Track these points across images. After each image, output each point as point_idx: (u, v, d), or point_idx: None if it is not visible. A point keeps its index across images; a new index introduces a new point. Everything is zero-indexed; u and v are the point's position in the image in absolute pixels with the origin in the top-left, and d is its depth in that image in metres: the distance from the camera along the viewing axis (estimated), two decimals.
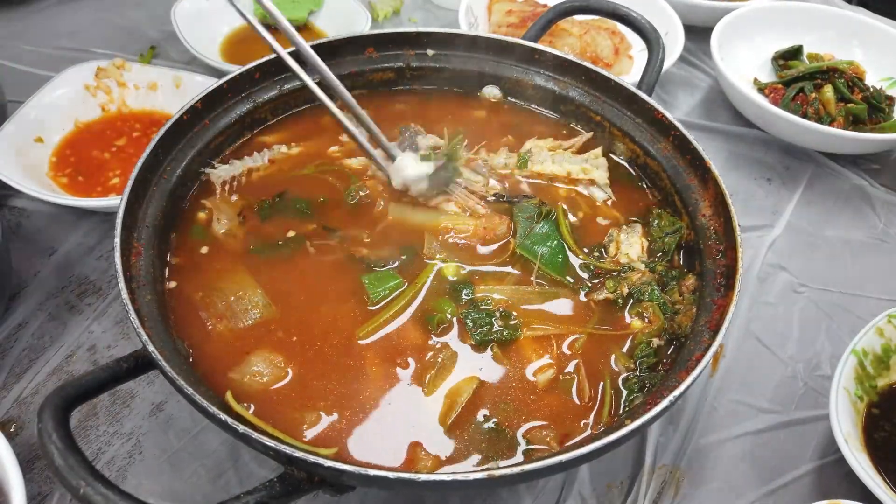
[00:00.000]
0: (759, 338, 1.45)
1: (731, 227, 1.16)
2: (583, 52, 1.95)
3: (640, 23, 1.50)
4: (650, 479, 1.21)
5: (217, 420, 0.90)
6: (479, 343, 1.11)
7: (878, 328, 1.30)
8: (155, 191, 1.19)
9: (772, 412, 1.33)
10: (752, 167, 1.84)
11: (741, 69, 2.00)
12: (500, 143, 1.43)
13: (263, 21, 2.04)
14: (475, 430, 1.02)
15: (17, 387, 1.26)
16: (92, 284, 1.42)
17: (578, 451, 0.90)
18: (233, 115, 1.35)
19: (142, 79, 1.69)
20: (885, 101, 1.90)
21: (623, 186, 1.38)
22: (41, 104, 1.59)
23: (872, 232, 1.70)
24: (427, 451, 1.00)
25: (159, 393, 1.26)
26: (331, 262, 1.20)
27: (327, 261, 1.20)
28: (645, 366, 1.10)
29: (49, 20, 2.07)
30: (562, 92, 1.46)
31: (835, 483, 1.15)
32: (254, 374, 1.05)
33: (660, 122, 1.34)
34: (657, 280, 1.20)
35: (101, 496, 0.80)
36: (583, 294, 1.18)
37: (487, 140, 1.42)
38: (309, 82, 1.21)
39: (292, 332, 1.11)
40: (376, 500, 1.16)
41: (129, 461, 1.18)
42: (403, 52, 1.48)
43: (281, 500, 0.88)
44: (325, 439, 1.00)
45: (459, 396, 1.05)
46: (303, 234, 1.23)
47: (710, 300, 1.12)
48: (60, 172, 1.55)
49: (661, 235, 1.26)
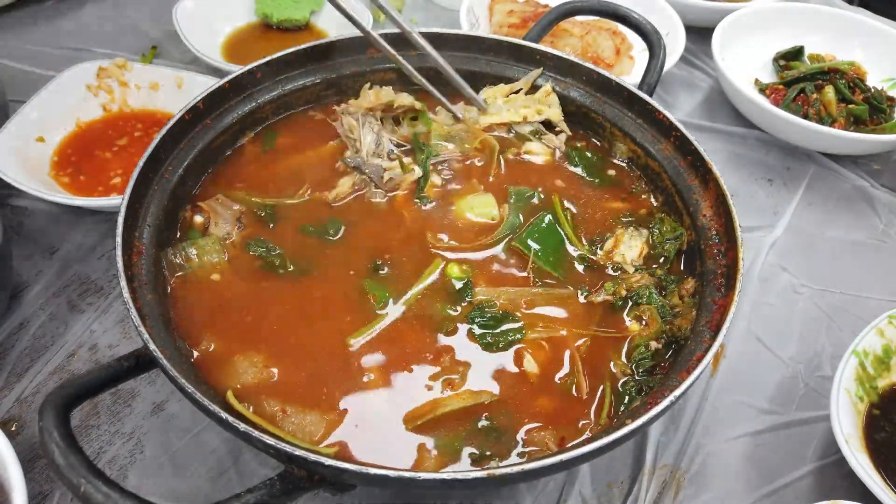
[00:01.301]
0: (760, 338, 1.45)
1: (731, 227, 1.16)
2: (584, 52, 1.95)
3: (641, 24, 1.50)
4: (651, 478, 1.21)
5: (218, 418, 0.90)
6: (485, 346, 1.11)
7: (879, 329, 1.30)
8: (156, 190, 1.19)
9: (772, 412, 1.33)
10: (752, 168, 1.84)
11: (742, 70, 2.00)
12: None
13: (264, 20, 2.06)
14: (476, 431, 1.02)
15: (19, 386, 1.27)
16: (93, 284, 1.42)
17: (579, 451, 0.90)
18: (234, 114, 1.35)
19: (143, 79, 1.69)
20: (886, 102, 1.90)
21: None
22: (43, 104, 1.59)
23: (873, 233, 1.70)
24: (430, 450, 1.00)
25: (160, 392, 1.26)
26: (334, 270, 1.20)
27: (330, 267, 1.20)
28: (642, 369, 1.10)
29: (50, 19, 2.07)
30: (563, 92, 1.46)
31: (835, 484, 1.15)
32: (253, 374, 1.05)
33: (661, 122, 1.34)
34: (656, 284, 1.20)
35: (102, 494, 0.81)
36: (582, 296, 1.18)
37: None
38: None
39: (292, 335, 1.11)
40: (377, 499, 1.16)
41: (130, 460, 1.18)
42: (406, 53, 1.48)
43: (281, 498, 0.88)
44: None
45: (464, 401, 1.05)
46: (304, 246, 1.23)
47: (710, 300, 1.12)
48: (62, 172, 1.55)
49: (662, 241, 1.26)
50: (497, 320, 1.13)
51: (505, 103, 1.44)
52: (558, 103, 1.45)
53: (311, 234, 1.24)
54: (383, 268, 1.19)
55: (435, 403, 1.04)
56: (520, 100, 1.45)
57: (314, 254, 1.21)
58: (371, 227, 1.26)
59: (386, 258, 1.20)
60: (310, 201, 1.29)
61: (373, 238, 1.24)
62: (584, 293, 1.19)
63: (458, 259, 1.22)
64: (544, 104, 1.42)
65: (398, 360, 1.09)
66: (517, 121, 1.42)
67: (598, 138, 1.45)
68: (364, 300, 1.15)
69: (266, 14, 2.04)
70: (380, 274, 1.18)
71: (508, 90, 1.46)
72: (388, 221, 1.27)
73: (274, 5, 2.05)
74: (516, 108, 1.42)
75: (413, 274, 1.19)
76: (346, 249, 1.23)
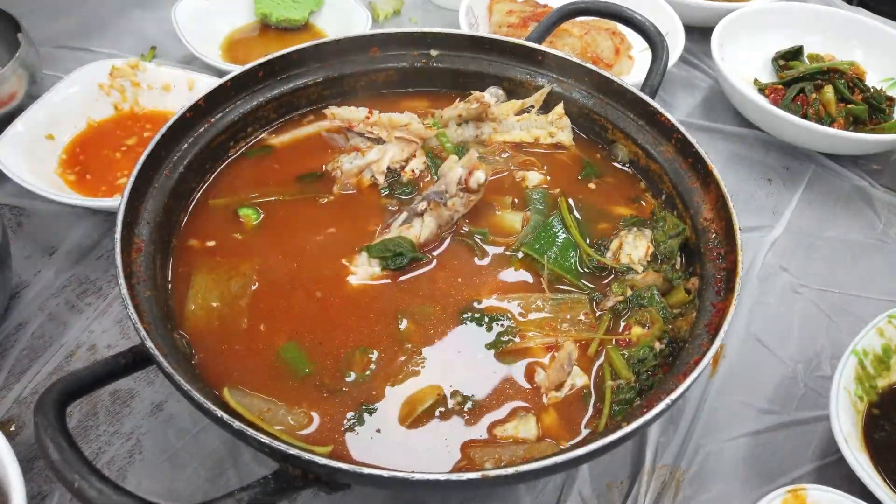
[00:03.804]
0: (760, 338, 1.45)
1: (731, 230, 1.15)
2: (583, 52, 1.95)
3: (644, 25, 1.50)
4: (650, 479, 1.21)
5: (213, 416, 0.89)
6: (490, 346, 1.11)
7: (879, 328, 1.30)
8: (156, 188, 1.19)
9: (772, 412, 1.33)
10: (752, 168, 1.84)
11: (742, 70, 2.00)
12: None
13: (263, 20, 2.06)
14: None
15: (18, 386, 1.26)
16: (92, 284, 1.42)
17: (578, 451, 0.90)
18: (235, 113, 1.35)
19: (156, 79, 1.70)
20: (886, 102, 1.90)
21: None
22: (53, 101, 1.59)
23: (873, 232, 1.70)
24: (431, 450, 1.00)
25: (159, 392, 1.26)
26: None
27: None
28: (644, 370, 1.10)
29: (51, 19, 2.07)
30: (565, 94, 1.46)
31: (835, 483, 1.15)
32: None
33: (662, 124, 1.34)
34: (664, 280, 1.20)
35: (96, 490, 0.80)
36: (594, 302, 1.17)
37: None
38: None
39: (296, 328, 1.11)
40: (377, 499, 1.16)
41: (129, 461, 1.18)
42: (407, 53, 1.48)
43: (275, 496, 0.88)
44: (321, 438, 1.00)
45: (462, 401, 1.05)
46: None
47: (709, 303, 1.12)
48: (69, 170, 1.55)
49: (665, 239, 1.26)
50: (504, 324, 1.13)
51: (518, 122, 1.43)
52: (570, 126, 1.44)
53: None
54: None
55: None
56: (532, 119, 1.43)
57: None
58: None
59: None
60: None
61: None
62: (594, 297, 1.18)
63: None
64: (557, 126, 1.41)
65: (402, 355, 1.09)
66: (529, 141, 1.41)
67: (599, 140, 1.45)
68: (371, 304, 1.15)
69: (265, 14, 2.04)
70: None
71: (520, 106, 1.45)
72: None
73: (273, 5, 2.05)
74: (529, 129, 1.42)
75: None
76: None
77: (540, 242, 1.23)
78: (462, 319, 1.13)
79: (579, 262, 1.23)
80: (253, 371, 1.06)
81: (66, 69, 1.71)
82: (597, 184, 1.38)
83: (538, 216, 1.28)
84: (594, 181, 1.38)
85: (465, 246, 1.24)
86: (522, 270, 1.21)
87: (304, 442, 0.97)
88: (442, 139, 1.37)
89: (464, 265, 1.21)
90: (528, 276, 1.21)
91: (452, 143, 1.39)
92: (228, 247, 1.21)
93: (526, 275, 1.21)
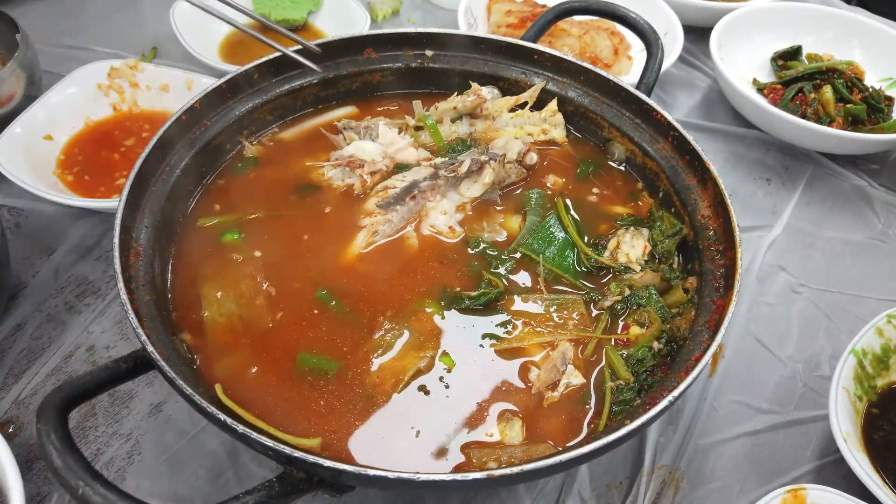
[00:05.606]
0: (759, 338, 1.45)
1: (730, 227, 1.15)
2: (582, 52, 1.95)
3: (639, 24, 1.50)
4: (650, 479, 1.21)
5: (216, 420, 0.89)
6: (486, 345, 1.11)
7: (878, 328, 1.30)
8: (154, 191, 1.19)
9: (771, 412, 1.33)
10: (751, 167, 1.84)
11: (740, 69, 2.00)
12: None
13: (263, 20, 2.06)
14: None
15: (16, 387, 1.26)
16: (91, 285, 1.42)
17: (578, 451, 0.90)
18: (232, 115, 1.35)
19: (154, 80, 1.69)
20: (884, 102, 1.90)
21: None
22: (52, 102, 1.59)
23: (872, 232, 1.70)
24: (431, 450, 1.00)
25: (158, 394, 1.26)
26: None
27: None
28: (643, 369, 1.10)
29: (51, 18, 2.06)
30: (561, 92, 1.46)
31: (834, 483, 1.15)
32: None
33: (658, 122, 1.34)
34: (661, 279, 1.20)
35: (100, 496, 0.80)
36: (590, 301, 1.18)
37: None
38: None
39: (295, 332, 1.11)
40: (377, 500, 1.16)
41: (128, 462, 1.18)
42: (403, 53, 1.48)
43: (280, 500, 0.88)
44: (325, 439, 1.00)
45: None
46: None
47: (709, 300, 1.12)
48: (67, 171, 1.55)
49: (662, 238, 1.26)
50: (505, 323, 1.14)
51: (512, 118, 1.44)
52: (563, 123, 1.45)
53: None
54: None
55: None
56: (526, 116, 1.44)
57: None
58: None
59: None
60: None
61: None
62: (592, 297, 1.18)
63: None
64: (550, 124, 1.42)
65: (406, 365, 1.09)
66: (522, 137, 1.41)
67: (595, 139, 1.45)
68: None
69: (264, 14, 2.04)
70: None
71: (514, 102, 1.45)
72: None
73: (272, 5, 2.05)
74: (522, 126, 1.42)
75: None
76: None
77: (538, 242, 1.23)
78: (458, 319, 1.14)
79: (577, 261, 1.23)
80: (272, 373, 1.06)
81: (64, 69, 1.71)
82: (594, 183, 1.38)
83: (535, 216, 1.28)
84: (591, 180, 1.38)
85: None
86: (522, 271, 1.21)
87: (305, 443, 0.97)
88: (433, 130, 1.39)
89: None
90: (527, 276, 1.21)
91: (445, 141, 1.40)
92: (229, 251, 1.21)
93: (525, 275, 1.21)
